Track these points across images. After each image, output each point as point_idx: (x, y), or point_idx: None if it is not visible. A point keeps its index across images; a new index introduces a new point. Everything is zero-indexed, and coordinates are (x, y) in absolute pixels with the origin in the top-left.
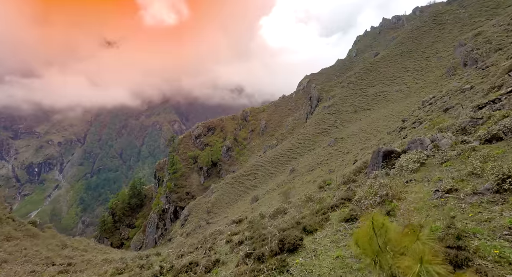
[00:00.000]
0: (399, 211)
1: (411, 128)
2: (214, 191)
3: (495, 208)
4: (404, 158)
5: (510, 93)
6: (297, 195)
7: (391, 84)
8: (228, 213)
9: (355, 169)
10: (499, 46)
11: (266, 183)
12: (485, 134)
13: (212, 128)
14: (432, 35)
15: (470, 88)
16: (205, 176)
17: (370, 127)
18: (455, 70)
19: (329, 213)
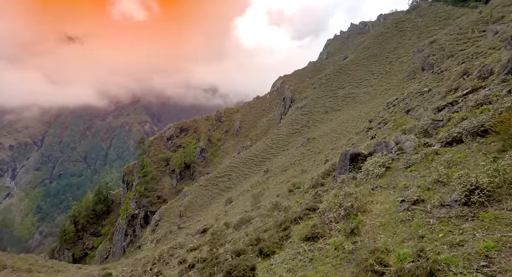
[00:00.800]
0: (364, 228)
1: (377, 129)
2: (187, 194)
3: (466, 227)
4: (370, 162)
5: (466, 96)
6: (269, 197)
7: (359, 86)
8: (201, 216)
9: (323, 172)
10: (451, 53)
11: (241, 185)
12: (446, 137)
13: (185, 129)
14: (394, 41)
15: (428, 91)
16: (178, 178)
17: (340, 127)
18: (415, 74)
19: (292, 227)
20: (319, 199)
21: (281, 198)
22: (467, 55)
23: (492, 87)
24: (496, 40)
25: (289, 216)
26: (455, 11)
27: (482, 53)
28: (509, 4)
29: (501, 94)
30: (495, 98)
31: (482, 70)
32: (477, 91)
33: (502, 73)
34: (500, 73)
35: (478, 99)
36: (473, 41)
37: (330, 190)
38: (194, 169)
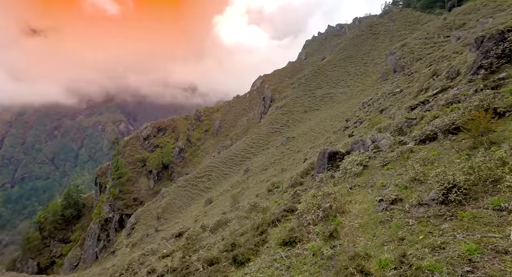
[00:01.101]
0: (343, 230)
1: (353, 127)
2: (165, 195)
3: (446, 227)
4: (348, 160)
5: (436, 95)
6: (249, 196)
7: (336, 86)
8: (180, 217)
9: (302, 171)
10: (420, 56)
11: (221, 184)
12: (420, 135)
13: (162, 129)
14: (369, 43)
15: (400, 91)
16: (155, 179)
17: (319, 126)
18: (388, 75)
19: (269, 231)
20: (297, 199)
21: (260, 198)
22: (434, 58)
23: (460, 87)
24: (458, 45)
25: (267, 218)
26: (422, 17)
27: (447, 57)
28: (469, 13)
29: (469, 94)
30: (463, 97)
31: (450, 71)
32: (446, 91)
33: (468, 74)
34: (467, 73)
35: (448, 98)
36: (439, 45)
37: (308, 189)
38: (173, 169)
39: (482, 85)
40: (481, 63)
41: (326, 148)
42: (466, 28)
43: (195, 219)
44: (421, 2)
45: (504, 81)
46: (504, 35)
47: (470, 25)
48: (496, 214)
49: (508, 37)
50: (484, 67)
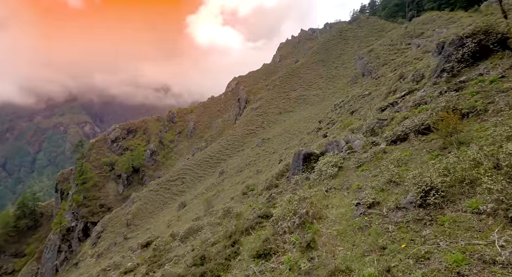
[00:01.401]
0: (320, 239)
1: (326, 129)
2: (136, 200)
3: (427, 233)
4: (322, 162)
5: (404, 97)
6: (224, 199)
7: (309, 89)
8: (152, 223)
9: (277, 173)
10: (385, 61)
11: (195, 188)
12: (391, 136)
13: (133, 131)
14: (339, 48)
15: (368, 94)
16: (125, 184)
17: (293, 128)
18: (357, 79)
19: (242, 240)
20: (272, 203)
21: (235, 201)
22: (398, 64)
23: (426, 89)
24: (419, 51)
25: (240, 225)
26: (387, 25)
27: (409, 62)
28: (427, 23)
29: (434, 95)
30: (429, 99)
31: (415, 75)
32: (413, 93)
33: (432, 77)
34: (431, 76)
35: (415, 100)
36: (402, 52)
37: (284, 191)
38: (144, 173)
39: (446, 88)
40: (444, 67)
41: (301, 149)
42: (424, 37)
43: (168, 224)
44: (385, 11)
45: (465, 84)
46: (463, 41)
47: (428, 34)
48: (476, 217)
49: (466, 42)
50: (446, 70)
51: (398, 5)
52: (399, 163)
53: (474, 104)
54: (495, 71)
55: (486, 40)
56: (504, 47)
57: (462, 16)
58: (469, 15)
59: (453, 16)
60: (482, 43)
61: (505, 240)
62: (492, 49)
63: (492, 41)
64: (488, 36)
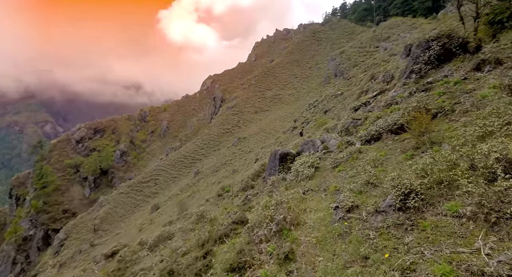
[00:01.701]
0: (299, 249)
1: (301, 128)
2: (104, 204)
3: (410, 241)
4: (299, 162)
5: (375, 97)
6: (199, 200)
7: (284, 88)
8: (122, 228)
9: (253, 173)
10: (355, 63)
11: (169, 189)
12: (365, 135)
13: (100, 130)
14: (312, 48)
15: (340, 94)
16: (92, 187)
17: (269, 126)
18: (330, 79)
19: (215, 250)
20: (248, 206)
21: (210, 204)
22: (367, 65)
23: (396, 89)
24: (386, 54)
25: (214, 232)
26: (357, 28)
27: (377, 64)
28: (392, 27)
29: (404, 96)
30: (400, 99)
31: (385, 75)
32: (384, 93)
33: (402, 78)
34: (401, 77)
35: (387, 100)
36: (371, 54)
37: (260, 193)
38: (113, 175)
39: (415, 88)
40: (412, 68)
41: (277, 149)
42: (390, 40)
43: (140, 228)
44: (355, 15)
45: (432, 85)
46: (429, 44)
47: (393, 38)
48: (457, 222)
49: (432, 45)
50: (415, 71)
51: (366, 10)
52: (376, 164)
53: (442, 104)
54: (458, 73)
55: (449, 43)
56: (465, 50)
57: (422, 22)
58: (428, 22)
59: (415, 22)
60: (446, 46)
61: (490, 247)
62: (455, 52)
63: (454, 44)
64: (451, 40)
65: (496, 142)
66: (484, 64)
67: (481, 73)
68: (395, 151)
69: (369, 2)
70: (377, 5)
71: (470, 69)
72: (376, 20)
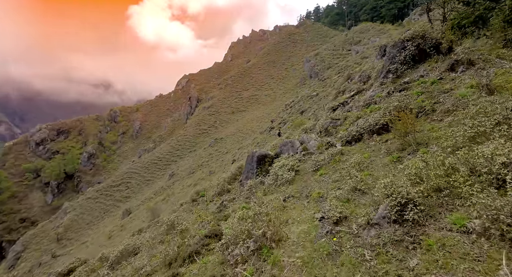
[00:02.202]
0: (282, 274)
1: (279, 128)
2: (69, 210)
3: (416, 265)
4: (278, 165)
5: (353, 97)
6: (174, 205)
7: (261, 89)
8: (90, 236)
9: (230, 176)
10: (329, 65)
11: (142, 192)
12: (346, 136)
13: (64, 131)
14: (288, 50)
15: (316, 95)
16: (55, 193)
17: (246, 127)
18: (305, 80)
19: (183, 272)
20: (224, 215)
21: (183, 210)
22: (341, 67)
23: (374, 89)
24: (358, 57)
25: (183, 248)
26: (330, 31)
27: (350, 66)
28: (363, 32)
29: (382, 95)
30: (378, 99)
31: (362, 75)
32: (361, 93)
33: (379, 77)
34: (378, 77)
35: (365, 99)
36: (343, 57)
37: (237, 198)
38: (80, 179)
39: (393, 88)
40: (389, 68)
41: (254, 151)
42: (361, 44)
43: (109, 235)
44: (328, 19)
45: (409, 84)
46: (404, 44)
47: (364, 42)
48: (466, 239)
49: (407, 46)
50: (391, 71)
51: (338, 14)
52: (361, 167)
53: (422, 104)
54: (433, 73)
55: (423, 44)
56: (438, 51)
57: (390, 28)
58: (395, 28)
59: (383, 27)
60: (420, 47)
61: None
62: (429, 53)
63: (428, 45)
64: (425, 40)
65: (499, 144)
66: (457, 64)
67: (455, 73)
68: (379, 153)
69: (340, 7)
70: (348, 10)
71: (445, 70)
72: (348, 25)
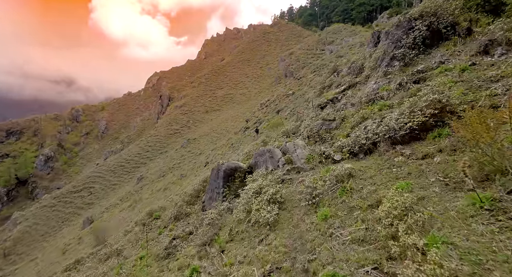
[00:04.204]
0: None
1: (256, 126)
2: (20, 221)
3: None
4: (252, 187)
5: (344, 92)
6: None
7: (236, 88)
8: (45, 248)
9: (191, 194)
10: (304, 64)
11: (107, 198)
12: (349, 144)
13: (16, 132)
14: (263, 49)
15: (292, 93)
16: (4, 201)
17: (220, 127)
18: (280, 79)
19: None
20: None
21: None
22: (317, 66)
23: (377, 80)
24: (333, 56)
25: None
26: (303, 31)
27: (326, 65)
28: (335, 32)
29: (391, 88)
30: (386, 93)
31: (352, 67)
32: (354, 87)
33: (380, 67)
34: (376, 67)
35: (367, 94)
36: (318, 56)
37: (193, 234)
38: (35, 184)
39: (405, 78)
40: (394, 54)
41: (221, 163)
42: (335, 44)
43: (64, 250)
44: (302, 19)
45: (426, 73)
46: (412, 24)
47: (337, 42)
48: None
49: (416, 26)
50: (397, 58)
51: (311, 15)
52: (405, 211)
53: (464, 98)
54: (457, 58)
55: (436, 23)
56: (454, 32)
57: (361, 30)
58: (365, 30)
59: (354, 29)
60: (432, 27)
61: None
62: (444, 34)
63: (443, 24)
64: (438, 19)
65: None
66: (492, 46)
67: (491, 57)
68: (426, 181)
69: (313, 8)
70: (320, 11)
71: (475, 53)
72: (321, 25)
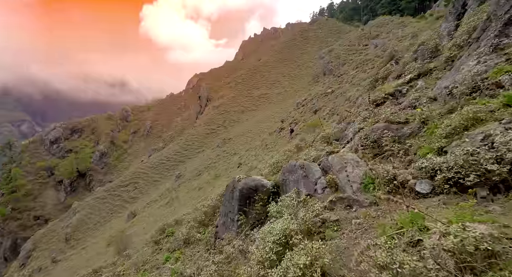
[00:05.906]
0: None
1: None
2: (78, 210)
3: None
4: (271, 236)
5: (412, 81)
6: (155, 224)
7: (272, 87)
8: (97, 237)
9: (206, 211)
10: (345, 61)
11: (148, 194)
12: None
13: (78, 130)
14: (300, 47)
15: (331, 92)
16: (68, 191)
17: (255, 127)
18: (318, 77)
19: None
20: None
21: (142, 255)
22: (359, 62)
23: (481, 59)
24: (378, 50)
25: None
26: (344, 27)
27: (371, 60)
28: (381, 26)
29: None
30: (507, 77)
31: (422, 50)
32: (429, 75)
33: (484, 39)
34: (470, 42)
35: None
36: (360, 52)
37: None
38: (92, 178)
39: None
40: (507, 21)
41: (236, 178)
42: (381, 38)
43: (109, 241)
44: (343, 15)
45: None
46: None
47: (383, 36)
48: None
49: None
50: None
51: (354, 9)
52: None
53: None
54: None
55: None
56: None
57: (411, 21)
58: (417, 20)
59: (404, 20)
60: None
61: None
62: None
63: None
64: None
65: None
66: None
67: None
68: None
69: (356, 1)
70: (364, 4)
71: None
72: (364, 19)
